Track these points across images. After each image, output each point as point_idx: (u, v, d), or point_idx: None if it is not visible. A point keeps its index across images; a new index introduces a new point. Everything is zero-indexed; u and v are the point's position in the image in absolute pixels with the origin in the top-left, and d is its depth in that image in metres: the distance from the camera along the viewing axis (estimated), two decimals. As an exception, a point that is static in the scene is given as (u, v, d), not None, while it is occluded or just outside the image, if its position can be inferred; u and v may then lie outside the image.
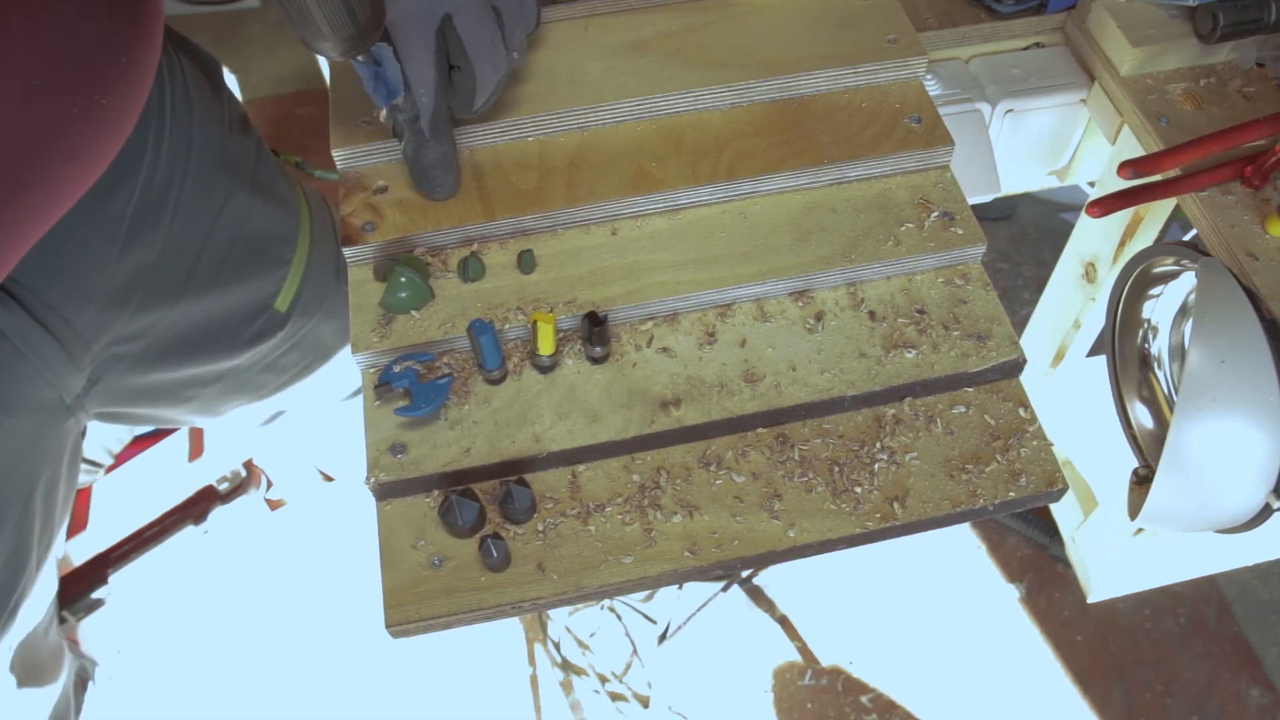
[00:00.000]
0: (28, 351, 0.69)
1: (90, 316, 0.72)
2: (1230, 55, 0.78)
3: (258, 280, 0.86)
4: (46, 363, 0.71)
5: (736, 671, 1.57)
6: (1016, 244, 1.95)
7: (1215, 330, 0.63)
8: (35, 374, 0.71)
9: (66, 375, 0.74)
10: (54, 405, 0.75)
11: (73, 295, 0.70)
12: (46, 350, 0.70)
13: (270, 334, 0.89)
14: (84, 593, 1.40)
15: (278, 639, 1.59)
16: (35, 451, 0.76)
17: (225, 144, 0.79)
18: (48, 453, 0.78)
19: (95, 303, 0.72)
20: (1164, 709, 1.52)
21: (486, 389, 0.63)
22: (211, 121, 0.77)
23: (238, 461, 1.49)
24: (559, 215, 0.67)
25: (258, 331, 0.88)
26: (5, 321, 0.67)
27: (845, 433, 0.63)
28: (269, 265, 0.86)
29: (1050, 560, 1.65)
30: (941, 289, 0.67)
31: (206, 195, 0.77)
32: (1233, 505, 0.67)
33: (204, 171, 0.76)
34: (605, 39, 0.74)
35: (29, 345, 0.69)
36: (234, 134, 0.81)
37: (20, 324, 0.68)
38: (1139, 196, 0.71)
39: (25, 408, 0.72)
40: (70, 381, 0.75)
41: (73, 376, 0.74)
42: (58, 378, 0.73)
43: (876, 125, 0.70)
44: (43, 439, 0.76)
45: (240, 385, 0.93)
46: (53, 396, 0.74)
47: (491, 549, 0.57)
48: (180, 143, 0.73)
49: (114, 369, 0.79)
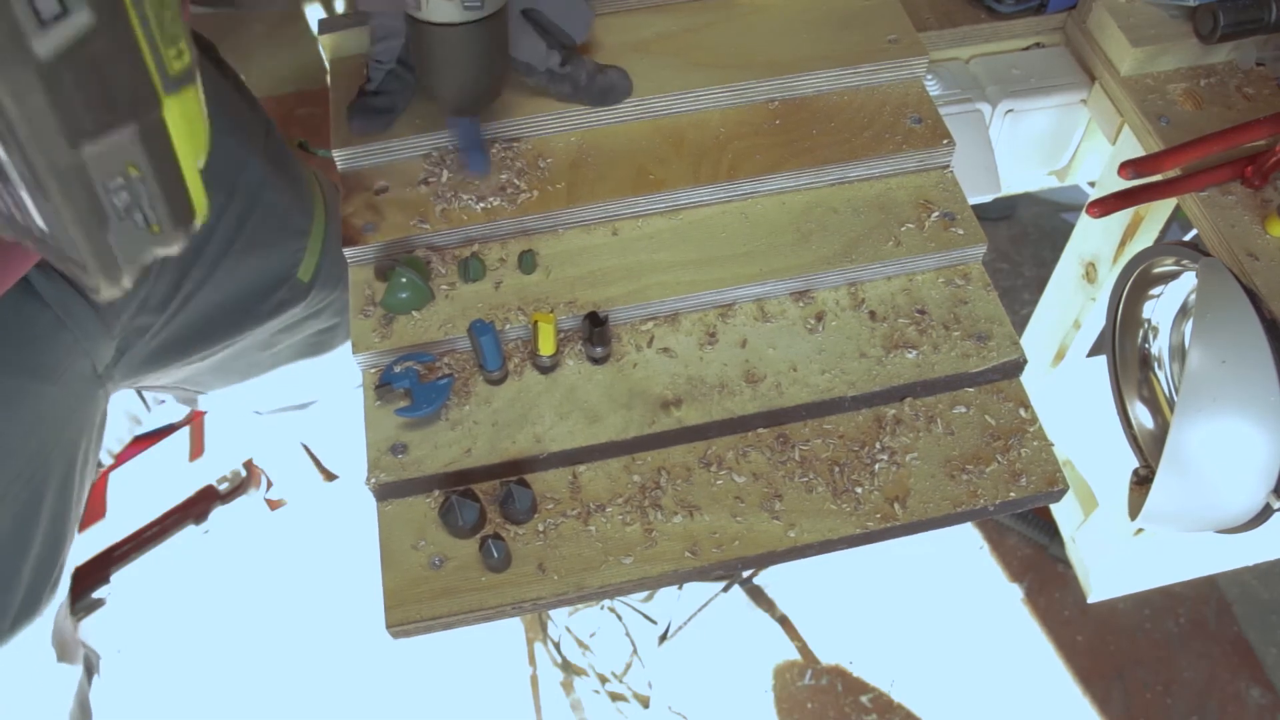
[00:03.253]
0: (68, 321, 0.71)
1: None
2: (1230, 55, 0.78)
3: (277, 250, 0.88)
4: (84, 331, 0.73)
5: (737, 671, 1.57)
6: (1016, 244, 1.95)
7: (1215, 330, 0.63)
8: (74, 342, 0.73)
9: (100, 344, 0.76)
10: (88, 375, 0.77)
11: None
12: (84, 318, 0.72)
13: (294, 302, 0.91)
14: (84, 592, 1.40)
15: (278, 639, 1.59)
16: (75, 421, 0.78)
17: (236, 118, 0.81)
18: (85, 422, 0.80)
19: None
20: (1164, 709, 1.52)
21: (487, 389, 0.63)
22: (220, 97, 0.79)
23: (238, 461, 1.49)
24: (559, 215, 0.67)
25: (280, 300, 0.90)
26: (47, 290, 0.69)
27: (846, 433, 0.63)
28: (287, 236, 0.88)
29: (1050, 560, 1.65)
30: (942, 289, 0.67)
31: (220, 167, 0.78)
32: (1233, 505, 0.67)
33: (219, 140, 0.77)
34: (606, 39, 0.74)
35: (69, 314, 0.71)
36: (243, 109, 0.83)
37: (61, 292, 0.70)
38: (1139, 196, 0.71)
39: (65, 377, 0.74)
40: (103, 350, 0.77)
41: (105, 345, 0.76)
42: (93, 346, 0.75)
43: (877, 125, 0.70)
44: (81, 409, 0.78)
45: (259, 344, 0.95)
46: (87, 366, 0.76)
47: (492, 549, 0.57)
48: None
49: (140, 337, 0.80)
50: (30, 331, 0.70)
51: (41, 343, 0.71)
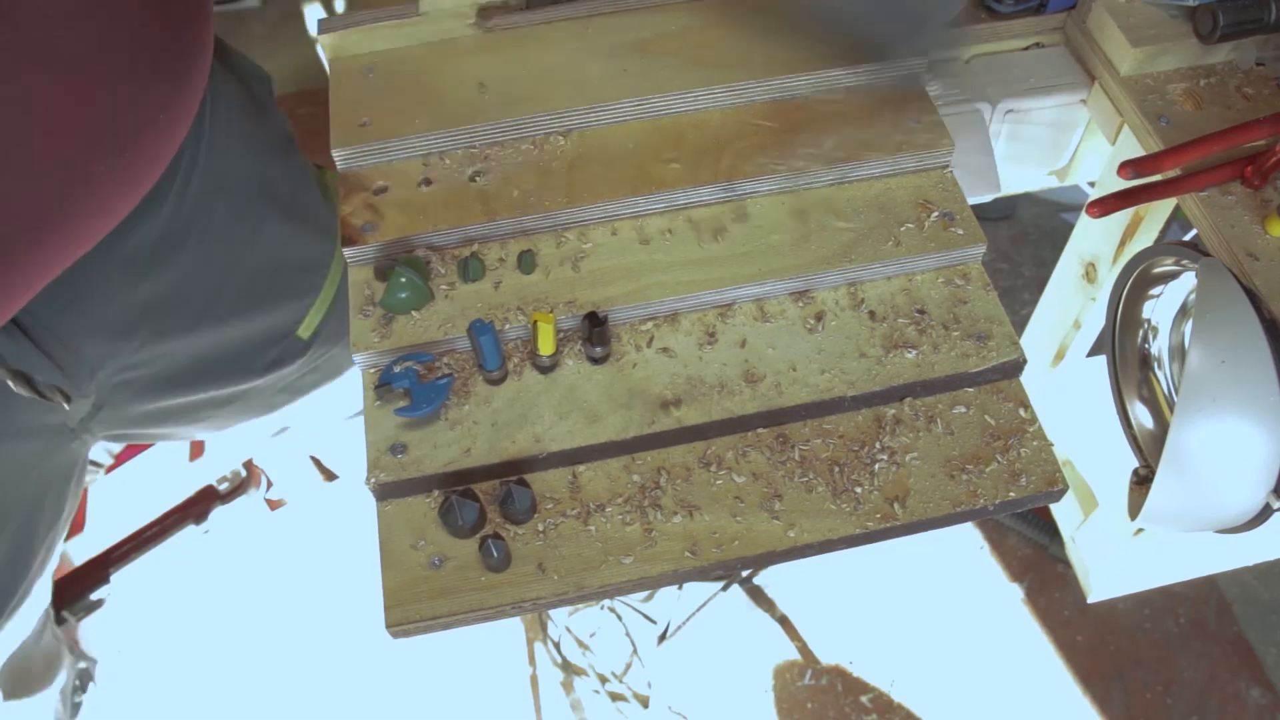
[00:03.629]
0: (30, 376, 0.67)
1: (98, 346, 0.70)
2: (1230, 55, 0.78)
3: (282, 308, 0.82)
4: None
5: (736, 671, 1.57)
6: (1016, 244, 1.95)
7: (1215, 330, 0.63)
8: (36, 399, 0.69)
9: (70, 402, 0.72)
10: (57, 429, 0.73)
11: (81, 325, 0.68)
12: (48, 378, 0.68)
13: (289, 360, 0.85)
14: (84, 593, 1.40)
15: (278, 639, 1.59)
16: (37, 471, 0.74)
17: (266, 170, 0.76)
18: (51, 473, 0.76)
19: (104, 332, 0.70)
20: (1164, 709, 1.52)
21: (486, 389, 0.63)
22: (254, 147, 0.74)
23: (238, 461, 1.49)
24: (559, 215, 0.67)
25: (276, 358, 0.84)
26: (7, 349, 0.65)
27: (845, 433, 0.63)
28: (296, 293, 0.82)
29: (1050, 560, 1.65)
30: (942, 289, 0.67)
31: (237, 224, 0.74)
32: (1233, 505, 0.67)
33: (238, 200, 0.73)
34: (605, 39, 0.74)
35: (31, 371, 0.67)
36: (277, 158, 0.78)
37: (23, 352, 0.66)
38: (1139, 196, 0.71)
39: (24, 432, 0.70)
40: (73, 408, 0.73)
41: (77, 403, 0.72)
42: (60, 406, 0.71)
43: (876, 125, 0.70)
44: (46, 460, 0.75)
45: (253, 407, 0.90)
46: (55, 421, 0.73)
47: (492, 549, 0.57)
48: (216, 171, 0.70)
49: (121, 394, 0.76)
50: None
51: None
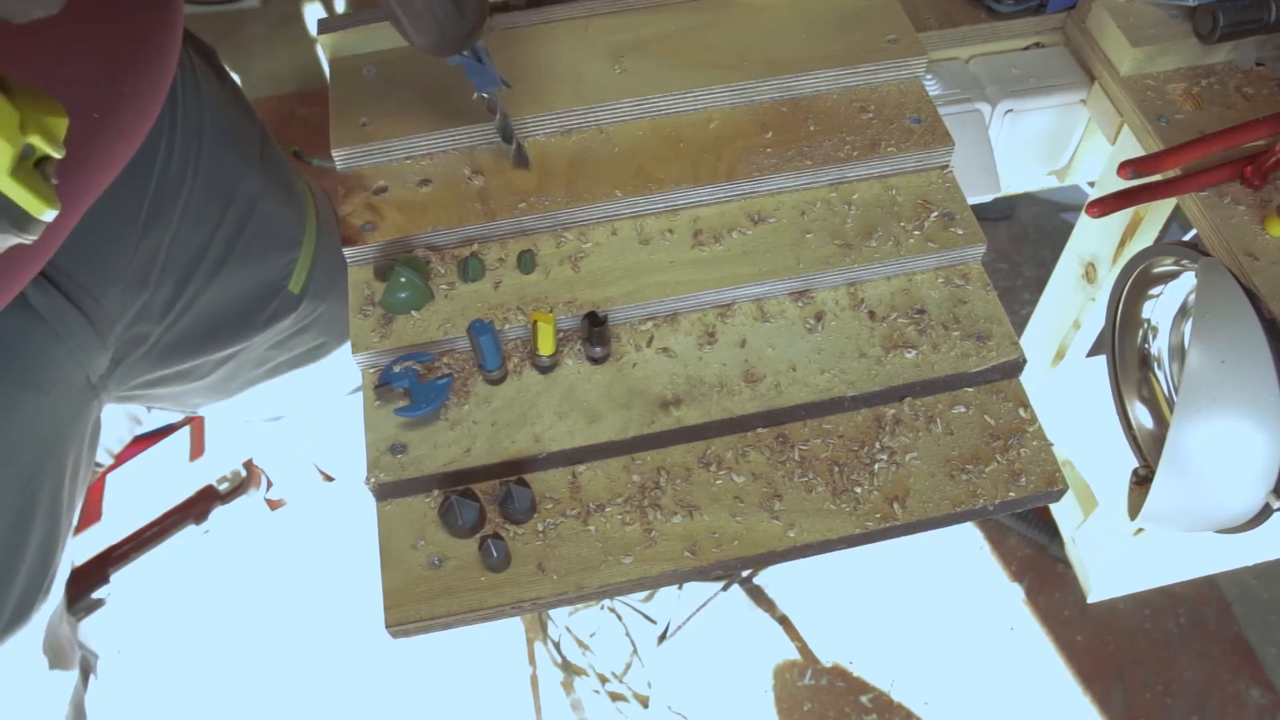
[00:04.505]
0: (62, 333, 0.72)
1: (116, 296, 0.75)
2: (1230, 55, 0.78)
3: (270, 260, 0.88)
4: (79, 342, 0.73)
5: (736, 671, 1.57)
6: (1016, 244, 1.95)
7: (1215, 330, 0.63)
8: (68, 354, 0.73)
9: (95, 355, 0.76)
10: (82, 386, 0.77)
11: (101, 276, 0.73)
12: (79, 331, 0.73)
13: (284, 314, 0.91)
14: (85, 592, 1.40)
15: (278, 639, 1.59)
16: (68, 432, 0.78)
17: (234, 128, 0.81)
18: (77, 433, 0.80)
19: (121, 283, 0.74)
20: (1164, 709, 1.52)
21: (486, 389, 0.63)
22: (220, 106, 0.79)
23: (238, 461, 1.49)
24: (558, 215, 0.67)
25: (273, 313, 0.90)
26: (42, 304, 0.69)
27: (845, 433, 0.63)
28: (280, 246, 0.88)
29: (1050, 560, 1.65)
30: (941, 289, 0.67)
31: (218, 176, 0.79)
32: (1233, 505, 0.67)
33: (215, 154, 0.79)
34: (605, 39, 0.74)
35: (64, 327, 0.71)
36: (241, 118, 0.83)
37: (56, 306, 0.70)
38: (1139, 196, 0.71)
39: (58, 388, 0.74)
40: (98, 361, 0.77)
41: (100, 356, 0.77)
42: (88, 357, 0.75)
43: (876, 125, 0.70)
44: (74, 419, 0.78)
45: (253, 361, 0.95)
46: (81, 377, 0.76)
47: (491, 549, 0.57)
48: (192, 127, 0.76)
49: (135, 349, 0.81)
50: (24, 344, 0.70)
51: (35, 355, 0.71)
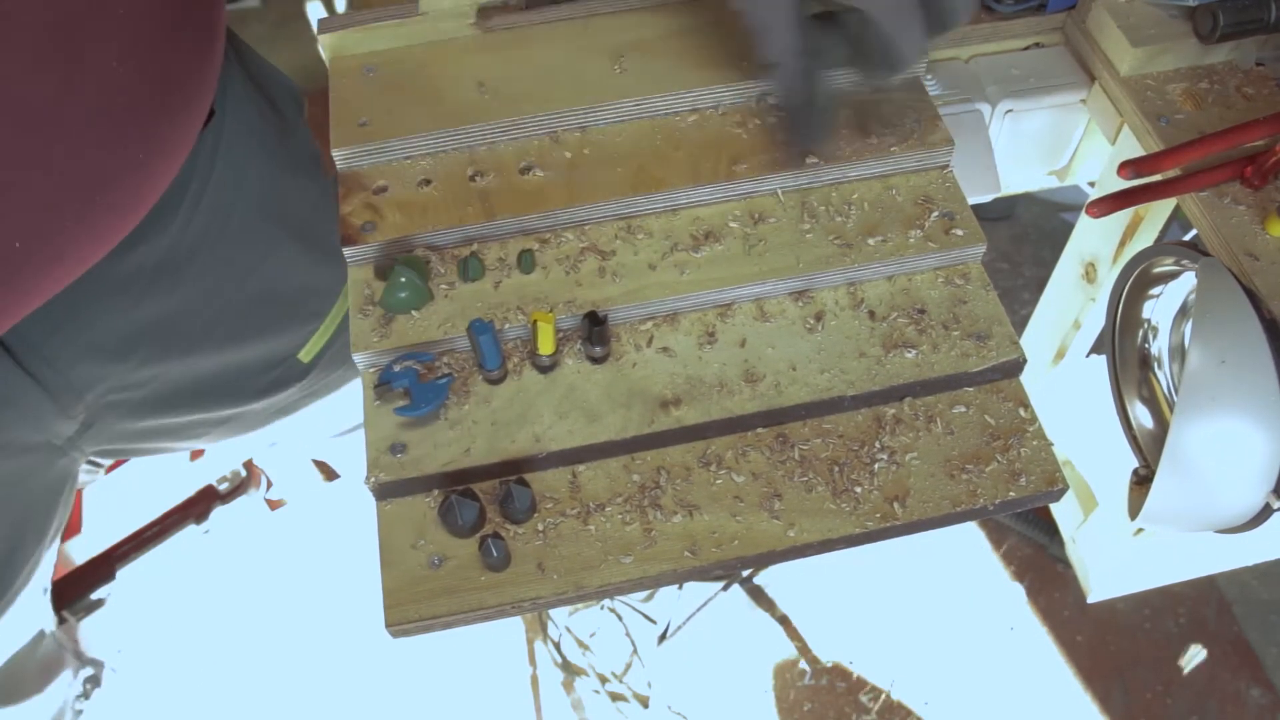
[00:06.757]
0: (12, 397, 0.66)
1: (89, 368, 0.68)
2: (1230, 55, 0.78)
3: (286, 333, 0.80)
4: (32, 410, 0.67)
5: (736, 671, 1.57)
6: (1016, 244, 1.95)
7: (1215, 330, 0.63)
8: (19, 418, 0.67)
9: (55, 422, 0.70)
10: (41, 446, 0.72)
11: (72, 347, 0.66)
12: (33, 399, 0.67)
13: (288, 383, 0.82)
14: (85, 592, 1.40)
15: (278, 638, 1.59)
16: (24, 487, 0.73)
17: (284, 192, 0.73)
18: (38, 488, 0.75)
19: (97, 355, 0.68)
20: (1164, 709, 1.52)
21: (486, 389, 0.63)
22: (271, 167, 0.72)
23: (238, 461, 1.49)
24: (559, 215, 0.67)
25: (274, 381, 0.81)
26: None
27: (845, 432, 0.63)
28: (302, 318, 0.80)
29: (1050, 560, 1.65)
30: (941, 289, 0.67)
31: (246, 248, 0.72)
32: (1233, 505, 0.67)
33: (249, 222, 0.71)
34: (605, 39, 0.74)
35: (14, 393, 0.66)
36: (297, 179, 0.75)
37: (6, 372, 0.64)
38: (1139, 196, 0.71)
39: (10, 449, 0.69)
40: (59, 427, 0.71)
41: (62, 423, 0.71)
42: (45, 425, 0.70)
43: (875, 125, 0.70)
44: (33, 476, 0.73)
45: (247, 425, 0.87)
46: (39, 439, 0.71)
47: (491, 549, 0.57)
48: (226, 191, 0.68)
49: (111, 414, 0.74)
50: None
51: None
